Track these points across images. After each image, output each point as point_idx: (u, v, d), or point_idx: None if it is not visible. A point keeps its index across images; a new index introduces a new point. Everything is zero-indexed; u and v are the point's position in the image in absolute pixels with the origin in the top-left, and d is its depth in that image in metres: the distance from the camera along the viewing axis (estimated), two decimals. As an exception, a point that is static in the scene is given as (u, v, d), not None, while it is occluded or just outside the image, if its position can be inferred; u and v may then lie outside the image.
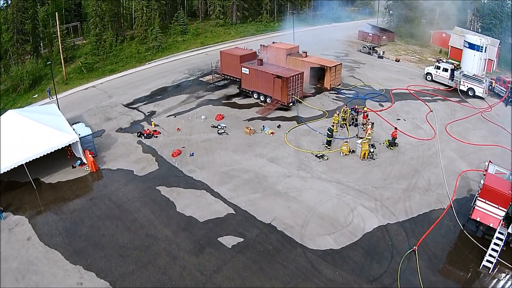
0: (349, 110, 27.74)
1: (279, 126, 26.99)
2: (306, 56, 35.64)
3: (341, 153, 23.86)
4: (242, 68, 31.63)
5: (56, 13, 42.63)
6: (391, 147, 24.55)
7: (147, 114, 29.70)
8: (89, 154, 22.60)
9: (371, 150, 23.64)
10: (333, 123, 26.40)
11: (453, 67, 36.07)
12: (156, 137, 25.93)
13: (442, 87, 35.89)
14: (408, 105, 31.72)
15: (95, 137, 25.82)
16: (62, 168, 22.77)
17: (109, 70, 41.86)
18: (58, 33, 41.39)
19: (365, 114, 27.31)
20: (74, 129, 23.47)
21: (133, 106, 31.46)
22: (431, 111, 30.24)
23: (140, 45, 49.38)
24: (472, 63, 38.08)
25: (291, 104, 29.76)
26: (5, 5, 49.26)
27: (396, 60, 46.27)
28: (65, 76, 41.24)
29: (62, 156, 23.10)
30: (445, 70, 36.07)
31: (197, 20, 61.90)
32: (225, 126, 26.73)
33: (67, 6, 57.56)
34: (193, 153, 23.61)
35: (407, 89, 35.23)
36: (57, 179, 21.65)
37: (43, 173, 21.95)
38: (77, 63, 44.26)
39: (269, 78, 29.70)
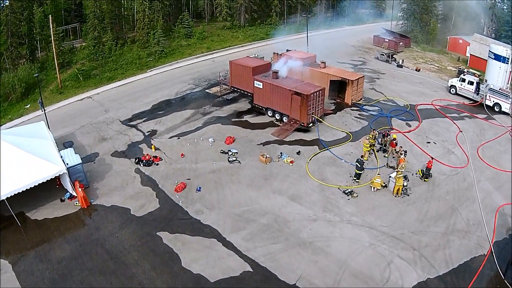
0: (377, 134, 24.38)
1: (298, 153, 23.54)
2: (325, 66, 32.14)
3: (372, 188, 20.56)
4: (255, 81, 28.14)
5: (50, 15, 39.21)
6: (425, 179, 21.63)
7: (146, 134, 26.31)
8: (79, 187, 19.35)
9: (405, 183, 20.48)
10: (364, 151, 23.00)
11: (479, 80, 33.42)
12: (157, 164, 22.56)
13: (467, 101, 33.19)
14: (436, 125, 28.80)
15: (88, 162, 22.71)
16: (49, 200, 19.80)
17: (107, 78, 38.50)
18: (52, 37, 37.99)
19: (394, 141, 23.81)
20: (61, 156, 20.24)
21: (131, 123, 28.05)
22: (461, 131, 27.53)
23: (142, 49, 45.97)
24: (497, 75, 35.37)
25: (311, 124, 26.34)
26: (2, 5, 46.08)
27: (416, 70, 43.11)
28: (59, 84, 37.97)
29: (50, 186, 19.82)
30: (471, 83, 33.34)
31: (203, 22, 58.42)
32: (237, 152, 23.29)
33: (66, 6, 54.23)
34: (200, 188, 20.22)
35: (432, 104, 32.24)
36: (43, 215, 18.79)
37: (28, 205, 19.15)
38: (74, 69, 40.92)
39: (286, 94, 26.24)
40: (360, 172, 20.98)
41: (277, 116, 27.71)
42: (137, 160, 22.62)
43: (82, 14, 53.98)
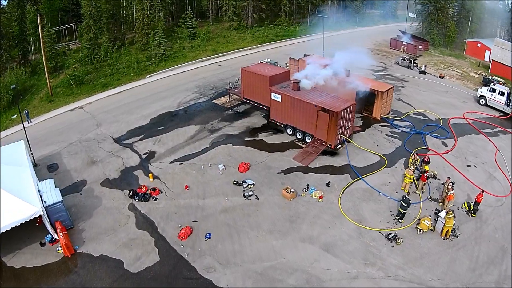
0: (419, 160, 20.60)
1: (328, 184, 19.52)
2: (349, 75, 28.12)
3: (419, 230, 16.86)
4: (272, 93, 24.19)
5: (39, 15, 35.23)
6: (473, 214, 18.33)
7: (143, 156, 22.34)
8: (61, 230, 15.57)
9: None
10: (405, 182, 19.18)
11: (510, 90, 30.22)
12: (156, 199, 18.64)
13: (497, 113, 30.01)
14: (472, 143, 25.33)
15: (73, 193, 19.01)
16: (28, 242, 16.41)
17: (101, 85, 34.62)
18: (41, 38, 34.13)
19: (425, 174, 19.67)
20: (40, 191, 16.50)
21: (126, 142, 24.10)
22: (498, 150, 24.29)
23: (141, 52, 42.12)
24: None
25: (339, 146, 22.44)
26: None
27: (440, 77, 39.46)
28: (50, 91, 34.18)
29: (30, 223, 15.97)
30: (501, 93, 30.27)
31: (207, 22, 54.48)
32: (253, 184, 19.33)
33: (62, 5, 50.48)
34: (209, 234, 16.31)
35: (464, 117, 28.67)
36: (21, 262, 15.50)
37: (5, 247, 16.04)
38: (66, 74, 37.10)
39: (310, 110, 22.26)
40: (404, 212, 17.21)
41: (299, 135, 23.72)
42: (131, 193, 18.68)
43: (79, 14, 50.29)
